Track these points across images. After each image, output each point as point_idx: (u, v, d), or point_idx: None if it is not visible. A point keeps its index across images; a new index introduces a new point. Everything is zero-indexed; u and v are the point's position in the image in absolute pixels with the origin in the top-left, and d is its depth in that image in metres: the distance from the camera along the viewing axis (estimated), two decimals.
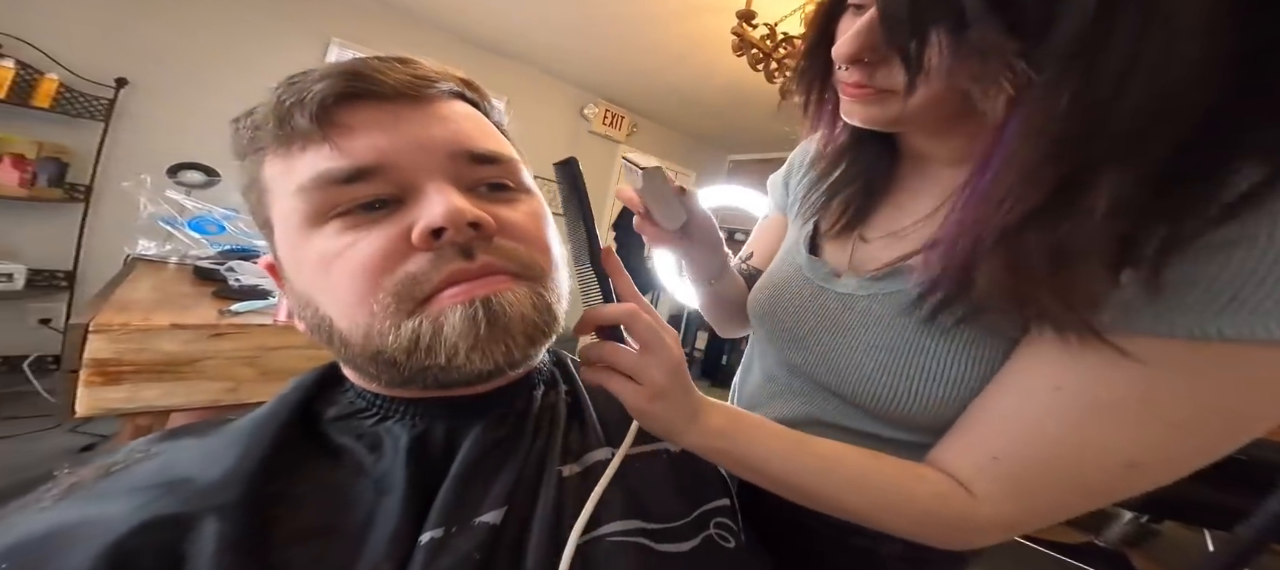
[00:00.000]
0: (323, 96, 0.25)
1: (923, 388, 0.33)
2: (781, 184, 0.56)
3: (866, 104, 0.32)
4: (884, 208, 0.42)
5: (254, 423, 0.26)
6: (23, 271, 1.62)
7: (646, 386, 0.29)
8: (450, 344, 0.24)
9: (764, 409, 0.45)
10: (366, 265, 0.24)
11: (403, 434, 0.27)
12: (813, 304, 0.41)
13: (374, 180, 0.25)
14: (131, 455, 0.26)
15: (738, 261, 0.58)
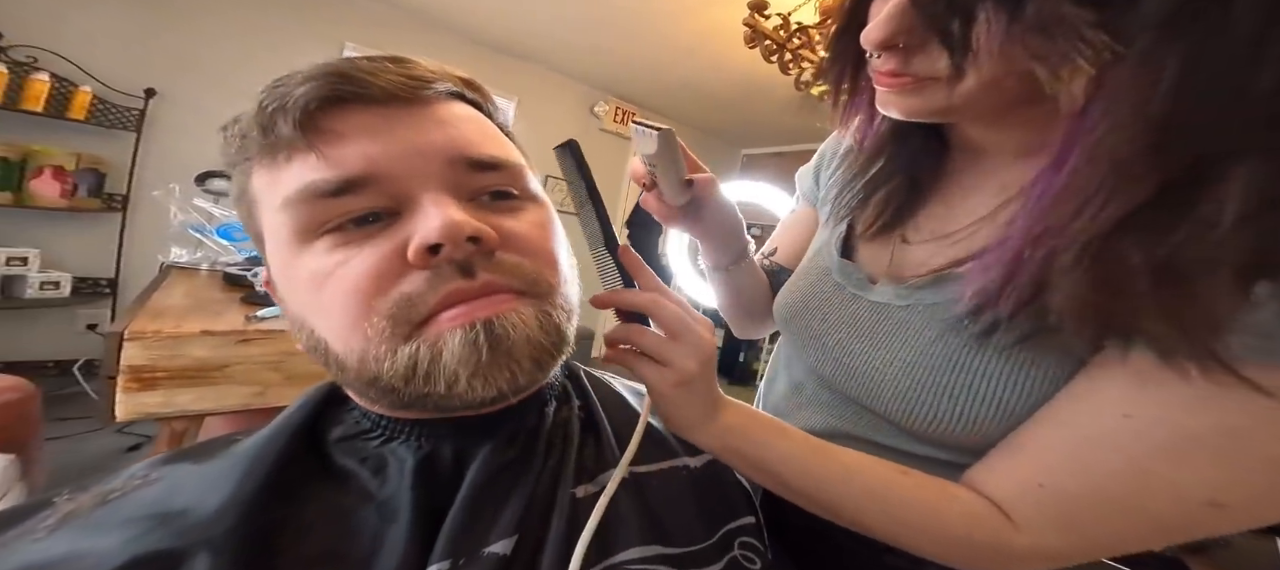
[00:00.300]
0: (306, 101, 0.23)
1: (968, 409, 0.29)
2: (811, 176, 0.52)
3: (905, 94, 0.29)
4: (931, 206, 0.37)
5: (256, 446, 0.25)
6: (69, 279, 1.70)
7: (675, 371, 0.28)
8: (450, 371, 0.23)
9: (789, 420, 0.42)
10: (358, 286, 0.23)
11: (408, 456, 0.26)
12: (843, 312, 0.38)
13: (365, 192, 0.23)
14: (130, 482, 0.25)
15: (760, 256, 0.55)
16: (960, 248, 0.33)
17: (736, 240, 0.46)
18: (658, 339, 0.28)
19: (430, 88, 0.26)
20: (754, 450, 0.31)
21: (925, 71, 0.27)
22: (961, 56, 0.24)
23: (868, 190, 0.40)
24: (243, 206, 0.27)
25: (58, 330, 1.82)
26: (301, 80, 0.23)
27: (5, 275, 1.57)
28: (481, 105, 0.30)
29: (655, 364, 0.28)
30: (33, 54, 1.60)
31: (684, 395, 0.28)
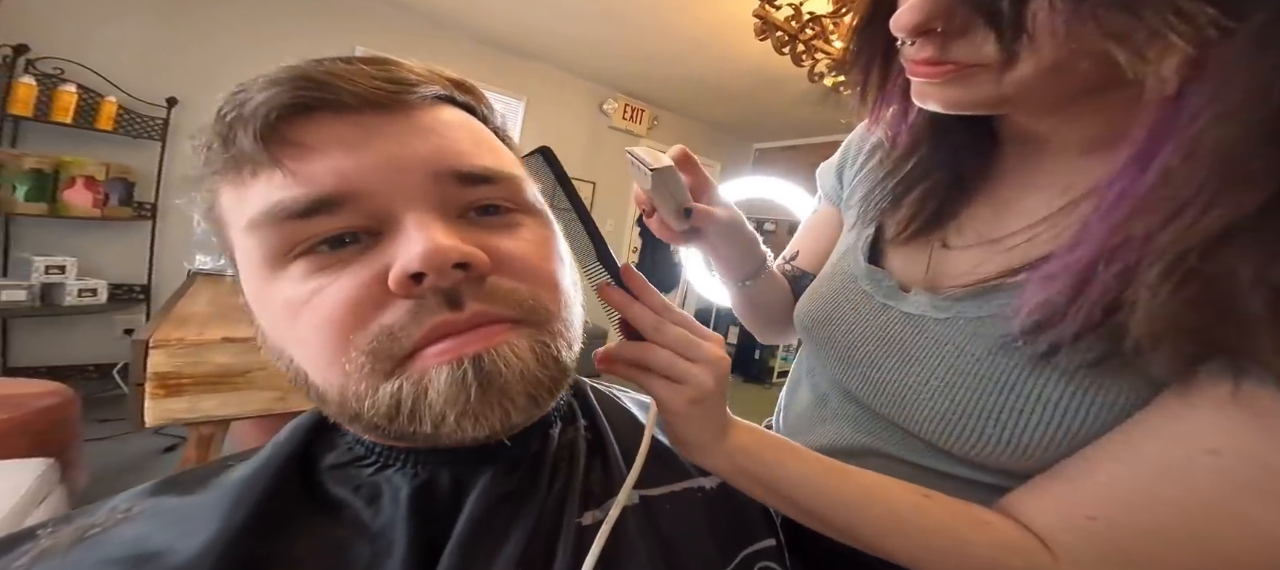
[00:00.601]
0: (268, 110, 0.20)
1: (1018, 434, 0.26)
2: (834, 174, 0.47)
3: (946, 85, 0.25)
4: (977, 206, 0.33)
5: (244, 478, 0.23)
6: (105, 286, 1.76)
7: (691, 387, 0.26)
8: (436, 411, 0.20)
9: (813, 433, 0.40)
10: (333, 318, 0.20)
11: (403, 485, 0.24)
12: (871, 324, 0.35)
13: (339, 212, 0.20)
14: (111, 515, 0.23)
15: (781, 261, 0.51)
16: (1014, 255, 0.29)
17: (751, 257, 0.43)
18: (670, 356, 0.26)
19: (413, 92, 0.23)
20: (766, 472, 0.29)
21: (969, 58, 0.23)
22: (1013, 39, 0.21)
23: (901, 189, 0.36)
24: (211, 223, 0.24)
25: (96, 335, 1.88)
26: (264, 85, 0.20)
27: (45, 284, 1.62)
28: (474, 109, 0.27)
29: (668, 380, 0.26)
30: (60, 66, 1.63)
31: (697, 413, 0.26)
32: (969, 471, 0.30)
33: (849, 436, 0.37)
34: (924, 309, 0.32)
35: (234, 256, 0.24)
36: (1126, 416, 0.24)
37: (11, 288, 1.54)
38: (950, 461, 0.31)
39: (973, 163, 0.33)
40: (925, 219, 0.34)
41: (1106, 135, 0.26)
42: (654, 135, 3.36)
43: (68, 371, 1.76)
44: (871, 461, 0.35)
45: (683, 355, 0.26)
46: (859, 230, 0.40)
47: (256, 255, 0.21)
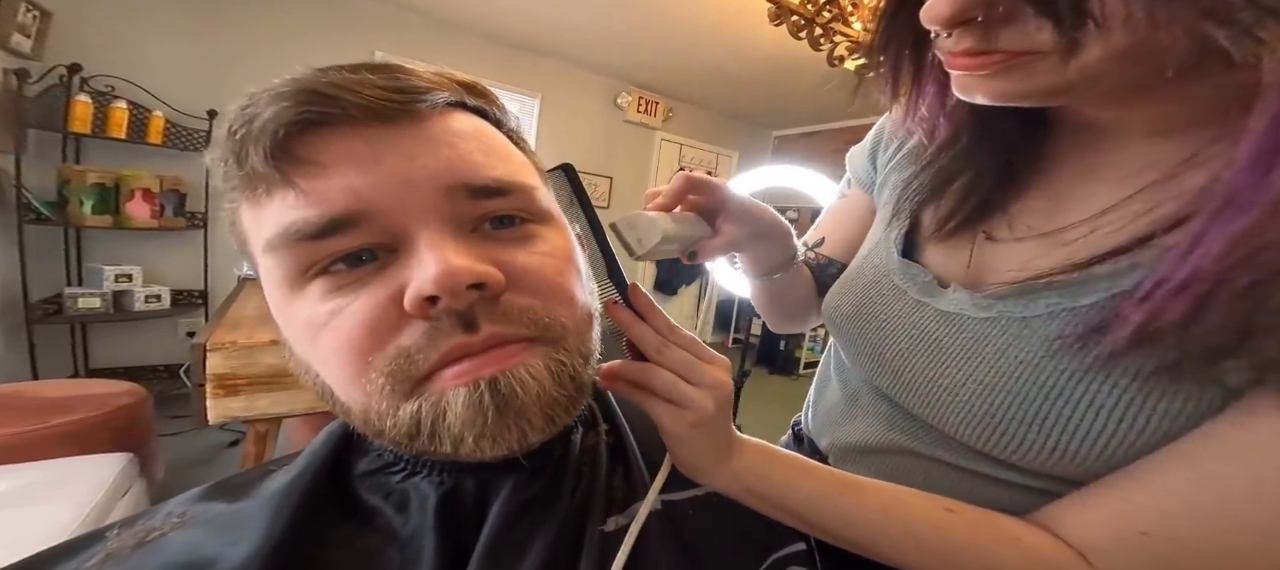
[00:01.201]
0: (275, 128, 0.19)
1: (1065, 440, 0.24)
2: (866, 157, 0.44)
3: (995, 77, 0.22)
4: (1029, 197, 0.31)
5: (282, 488, 0.24)
6: (168, 292, 1.88)
7: (692, 411, 0.25)
8: (455, 432, 0.20)
9: (843, 429, 0.39)
10: (351, 340, 0.20)
11: (430, 493, 0.24)
12: (904, 322, 0.33)
13: (354, 231, 0.20)
14: (168, 520, 0.25)
15: (804, 246, 0.48)
16: (1075, 249, 0.26)
17: (779, 253, 0.41)
18: (672, 379, 0.26)
19: (422, 100, 0.22)
20: (775, 493, 0.28)
21: (1020, 46, 0.21)
22: (1075, 26, 0.18)
23: (942, 180, 0.33)
24: (236, 238, 0.24)
25: (163, 338, 2.02)
26: (269, 99, 0.20)
27: (115, 291, 1.74)
28: (486, 112, 0.26)
29: (670, 404, 0.26)
30: (111, 83, 1.72)
31: (699, 436, 0.26)
32: (1008, 474, 0.29)
33: (880, 434, 0.35)
34: (963, 307, 0.30)
35: (258, 270, 0.24)
36: (1192, 425, 0.22)
37: (87, 296, 1.66)
38: (988, 463, 0.29)
39: (1023, 151, 0.30)
40: (969, 212, 0.32)
41: (1181, 118, 0.24)
42: (669, 127, 3.32)
43: (141, 372, 1.89)
44: (904, 460, 0.33)
45: (685, 378, 0.26)
46: (892, 222, 0.37)
47: (277, 275, 0.21)
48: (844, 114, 3.26)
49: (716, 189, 0.34)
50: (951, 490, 0.30)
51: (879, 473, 0.35)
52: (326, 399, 0.23)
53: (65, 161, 1.68)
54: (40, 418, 0.98)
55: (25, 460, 0.90)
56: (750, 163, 3.58)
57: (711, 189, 0.34)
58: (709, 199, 0.34)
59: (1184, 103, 0.23)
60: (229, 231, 0.24)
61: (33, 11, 1.50)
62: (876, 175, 0.43)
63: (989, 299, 0.29)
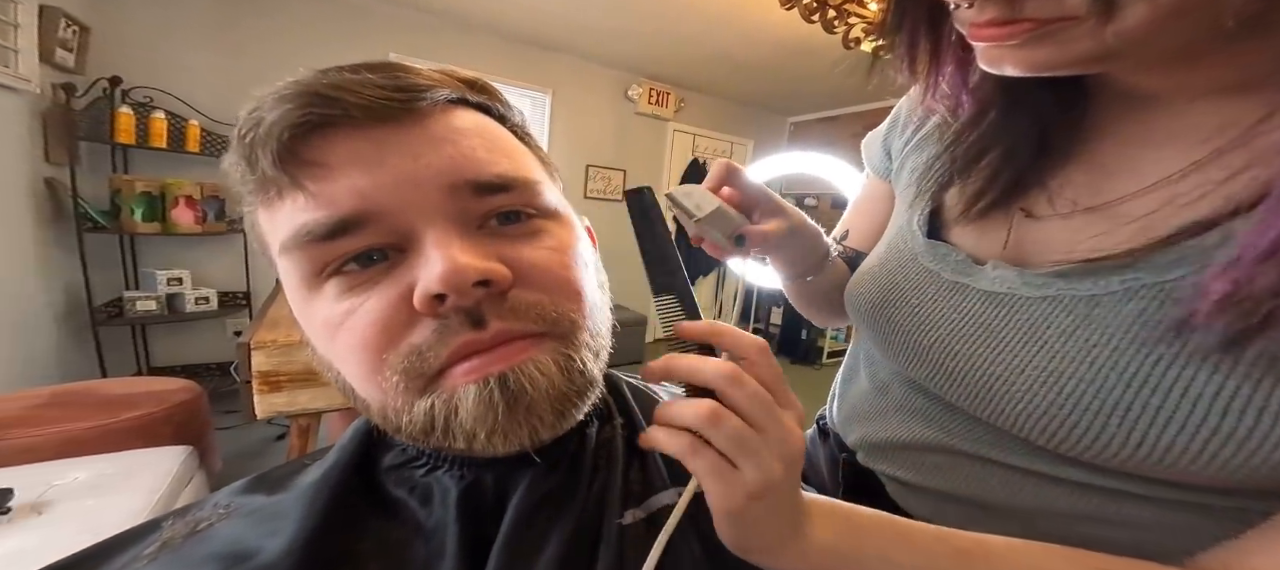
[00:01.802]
0: (281, 131, 0.19)
1: (1160, 435, 0.21)
2: (879, 145, 0.42)
3: (1026, 46, 0.20)
4: (1070, 169, 0.28)
5: (316, 480, 0.25)
6: (215, 294, 1.97)
7: (751, 477, 0.20)
8: (467, 428, 0.20)
9: (873, 425, 0.36)
10: (366, 340, 0.20)
11: (452, 486, 0.24)
12: (941, 306, 0.30)
13: (362, 231, 0.20)
14: (215, 510, 0.26)
15: (832, 241, 0.46)
16: (1153, 222, 0.23)
17: (812, 254, 0.39)
18: (737, 429, 0.20)
19: (423, 98, 0.22)
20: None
21: (1049, 12, 0.19)
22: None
23: (969, 157, 0.31)
24: (257, 241, 0.24)
25: (213, 337, 2.12)
26: (273, 103, 0.20)
27: (168, 294, 1.84)
28: (490, 108, 0.25)
29: (725, 464, 0.20)
30: (149, 94, 1.79)
31: (760, 510, 0.20)
32: (1069, 471, 0.25)
33: (916, 431, 0.32)
34: (1011, 285, 0.27)
35: (278, 271, 0.24)
36: None
37: (144, 299, 1.76)
38: (1046, 460, 0.26)
39: (1059, 121, 0.27)
40: (1002, 188, 0.29)
41: (1253, 73, 0.21)
42: (682, 117, 3.27)
43: (196, 369, 2.00)
44: (943, 458, 0.31)
45: (757, 423, 0.20)
46: (913, 204, 0.35)
47: (294, 277, 0.22)
48: (863, 97, 3.15)
49: (756, 186, 0.34)
50: (1001, 491, 0.28)
51: (913, 470, 0.33)
52: (348, 396, 0.24)
53: (115, 171, 1.77)
54: (110, 413, 1.05)
55: (97, 451, 0.97)
56: (766, 150, 3.50)
57: (752, 184, 0.34)
58: (743, 193, 0.34)
59: (1255, 56, 0.20)
60: (251, 234, 0.25)
61: (73, 26, 1.56)
62: (891, 161, 0.40)
63: (1045, 276, 0.26)
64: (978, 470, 0.29)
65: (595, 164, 3.03)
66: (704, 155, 3.45)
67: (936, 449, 0.31)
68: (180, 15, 1.88)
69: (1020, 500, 0.27)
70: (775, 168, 1.63)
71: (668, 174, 3.31)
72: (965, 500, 0.30)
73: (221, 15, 1.96)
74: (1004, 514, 0.28)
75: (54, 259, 1.61)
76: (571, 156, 2.93)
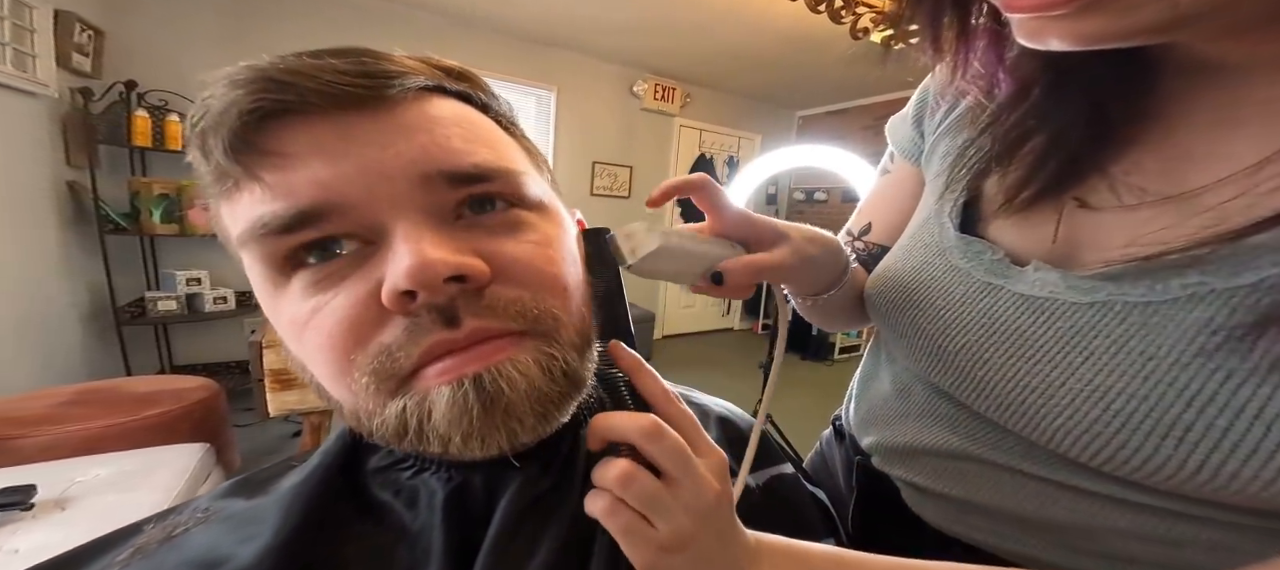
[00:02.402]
0: (233, 119, 0.18)
1: (1224, 460, 0.19)
2: (911, 125, 0.38)
3: (1079, 17, 0.17)
4: (1134, 152, 0.24)
5: (295, 486, 0.24)
6: (233, 294, 1.99)
7: (664, 533, 0.20)
8: (441, 432, 0.19)
9: (895, 428, 0.34)
10: (333, 340, 0.19)
11: (438, 489, 0.23)
12: (971, 309, 0.27)
13: (323, 224, 0.19)
14: (193, 516, 0.25)
15: (846, 236, 0.42)
16: (1225, 213, 0.20)
17: (828, 273, 0.34)
18: (644, 486, 0.20)
19: (392, 85, 0.20)
20: None
21: None
22: None
23: (1010, 142, 0.27)
24: (221, 235, 0.22)
25: (231, 337, 2.15)
26: (226, 88, 0.18)
27: (188, 294, 1.87)
28: (471, 97, 0.24)
29: (640, 520, 0.20)
30: (164, 97, 1.80)
31: (682, 564, 0.20)
32: (1112, 488, 0.23)
33: (940, 438, 0.30)
34: (1054, 289, 0.24)
35: (244, 267, 0.22)
36: None
37: (165, 299, 1.79)
38: (1087, 476, 0.24)
39: (1119, 98, 0.24)
40: (1051, 175, 0.25)
41: None
42: (688, 112, 3.23)
43: (216, 368, 2.04)
44: (967, 466, 0.29)
45: (670, 476, 0.20)
46: (944, 194, 0.31)
47: (257, 272, 0.20)
48: (873, 89, 3.08)
49: (737, 212, 0.28)
50: (1031, 503, 0.25)
51: (932, 476, 0.31)
52: (322, 396, 0.22)
53: (133, 174, 1.79)
54: (132, 411, 1.07)
55: (118, 448, 0.98)
56: (774, 145, 3.45)
57: (731, 212, 0.28)
58: (727, 223, 0.28)
59: None
60: (216, 227, 0.23)
61: (87, 31, 1.58)
62: (923, 143, 0.36)
63: (1093, 279, 0.23)
64: (1006, 480, 0.27)
65: (601, 161, 3.01)
66: (711, 151, 3.42)
67: (959, 456, 0.29)
68: (191, 19, 1.89)
69: (1053, 514, 0.25)
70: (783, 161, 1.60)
71: (675, 170, 3.29)
72: (989, 510, 0.28)
73: (230, 18, 1.97)
74: (1035, 526, 0.26)
75: (77, 260, 1.64)
76: (577, 154, 2.92)
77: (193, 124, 0.19)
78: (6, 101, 1.33)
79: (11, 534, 0.74)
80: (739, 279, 0.27)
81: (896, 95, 3.21)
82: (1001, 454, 0.27)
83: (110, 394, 1.15)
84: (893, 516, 0.33)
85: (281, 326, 0.21)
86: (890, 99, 3.15)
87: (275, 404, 0.86)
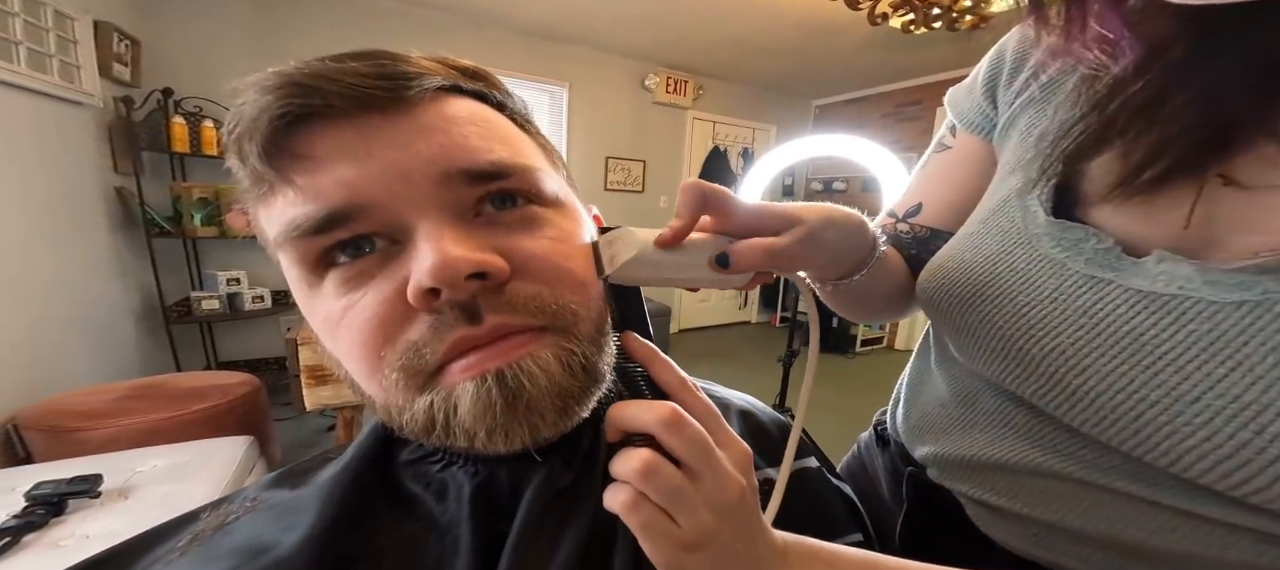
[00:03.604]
0: (265, 127, 0.19)
1: None
2: (981, 94, 0.33)
3: None
4: None
5: (334, 474, 0.24)
6: (269, 293, 2.07)
7: (687, 530, 0.18)
8: (466, 426, 0.19)
9: (953, 439, 0.30)
10: (364, 336, 0.20)
11: (465, 482, 0.24)
12: (1066, 305, 0.23)
13: (352, 224, 0.19)
14: (242, 505, 0.26)
15: (889, 219, 0.38)
16: None
17: (853, 251, 0.29)
18: (666, 480, 0.19)
19: (410, 86, 0.20)
20: None
21: None
22: None
23: (1137, 111, 0.22)
24: (259, 237, 0.23)
25: (270, 334, 2.25)
26: (257, 94, 0.19)
27: (229, 293, 1.95)
28: (487, 96, 0.24)
29: (662, 516, 0.19)
30: (199, 104, 1.87)
31: (704, 562, 0.19)
32: (1260, 521, 0.19)
33: (1016, 452, 0.26)
34: (1187, 285, 0.20)
35: (282, 268, 0.23)
36: None
37: (208, 298, 1.87)
38: (1222, 505, 0.20)
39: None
40: (1191, 146, 0.21)
41: None
42: (701, 105, 3.18)
43: (257, 364, 2.13)
44: (1052, 484, 0.25)
45: (692, 470, 0.19)
46: (1034, 173, 0.27)
47: (293, 273, 0.21)
48: (893, 75, 2.98)
49: (745, 206, 0.24)
50: (1142, 531, 0.22)
51: (1007, 494, 0.27)
52: (356, 392, 0.23)
53: (174, 179, 1.87)
54: (182, 405, 1.13)
55: (172, 440, 1.04)
56: (789, 135, 3.38)
57: (737, 206, 0.24)
58: (734, 219, 0.24)
59: None
60: (255, 230, 0.24)
61: (125, 40, 1.64)
62: (997, 114, 0.32)
63: (1242, 272, 0.19)
64: (1105, 503, 0.23)
65: (615, 156, 2.99)
66: (725, 143, 3.36)
67: (1043, 473, 0.25)
68: (220, 26, 1.95)
69: (1168, 543, 0.22)
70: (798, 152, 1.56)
71: (688, 163, 3.25)
72: (1082, 534, 0.24)
73: (258, 25, 2.02)
74: (1143, 555, 0.23)
75: (128, 263, 1.72)
76: (591, 149, 2.91)
77: (229, 131, 0.20)
78: (57, 112, 1.39)
79: (82, 520, 0.79)
80: (746, 260, 0.23)
81: (917, 81, 3.08)
82: (1099, 473, 0.23)
83: (162, 389, 1.22)
84: (954, 533, 0.30)
85: (317, 324, 0.22)
86: (911, 86, 3.04)
87: (311, 399, 0.89)
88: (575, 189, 0.26)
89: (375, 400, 0.22)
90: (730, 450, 0.21)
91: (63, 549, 0.74)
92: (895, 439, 0.38)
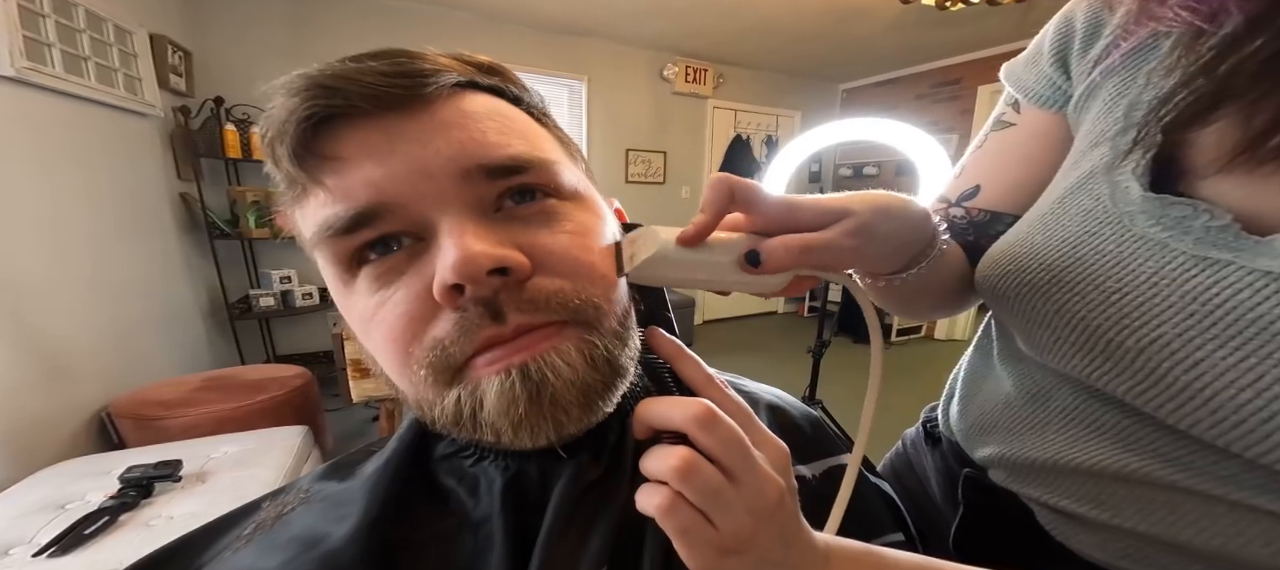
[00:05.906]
0: (293, 129, 0.19)
1: None
2: (1049, 63, 0.29)
3: None
4: None
5: (377, 468, 0.25)
6: (317, 290, 2.19)
7: (721, 531, 0.17)
8: (492, 421, 0.19)
9: (1022, 440, 0.28)
10: (393, 333, 0.20)
11: (497, 477, 0.24)
12: (1167, 291, 0.21)
13: (379, 222, 0.19)
14: (297, 495, 0.27)
15: (942, 203, 0.34)
16: None
17: (910, 246, 0.26)
18: (704, 480, 0.18)
19: (428, 84, 0.20)
20: None
21: None
22: None
23: (1255, 74, 0.19)
24: (298, 238, 0.23)
25: (320, 329, 2.37)
26: (284, 97, 0.19)
27: (282, 291, 2.07)
28: (503, 91, 0.24)
29: (698, 518, 0.18)
30: (247, 111, 1.95)
31: (736, 565, 0.18)
32: None
33: (1103, 455, 0.24)
34: None
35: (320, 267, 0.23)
36: None
37: (264, 296, 1.99)
38: None
39: None
40: None
41: None
42: (721, 94, 3.09)
43: (310, 358, 2.25)
44: (1149, 492, 0.23)
45: (731, 471, 0.18)
46: (1123, 148, 0.24)
47: (329, 272, 0.22)
48: (927, 55, 2.80)
49: (775, 201, 0.22)
50: (1265, 548, 0.20)
51: (1090, 502, 0.25)
52: (390, 386, 0.23)
53: (230, 184, 1.98)
54: (248, 396, 1.21)
55: (239, 429, 1.12)
56: (815, 121, 3.25)
57: (765, 201, 0.21)
58: (766, 216, 0.22)
59: None
60: (294, 232, 0.24)
61: (178, 52, 1.73)
62: (1072, 85, 0.28)
63: None
64: (1222, 516, 0.21)
65: (635, 148, 2.96)
66: (747, 131, 3.27)
67: (1139, 481, 0.23)
68: (261, 36, 2.03)
69: None
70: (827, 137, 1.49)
71: (709, 153, 3.18)
72: (1190, 550, 0.22)
73: (295, 32, 2.10)
74: None
75: (195, 263, 1.85)
76: (611, 142, 2.88)
77: (263, 135, 0.21)
78: (125, 123, 1.49)
79: (167, 503, 0.86)
80: (780, 258, 0.21)
81: (952, 60, 2.88)
82: (1214, 482, 0.21)
83: (229, 381, 1.31)
84: (1023, 541, 0.28)
85: (353, 321, 0.22)
86: (947, 65, 2.85)
87: (356, 391, 0.93)
88: (594, 181, 0.26)
89: (407, 394, 0.22)
90: (767, 449, 0.20)
91: (153, 529, 0.81)
92: (948, 438, 0.35)
